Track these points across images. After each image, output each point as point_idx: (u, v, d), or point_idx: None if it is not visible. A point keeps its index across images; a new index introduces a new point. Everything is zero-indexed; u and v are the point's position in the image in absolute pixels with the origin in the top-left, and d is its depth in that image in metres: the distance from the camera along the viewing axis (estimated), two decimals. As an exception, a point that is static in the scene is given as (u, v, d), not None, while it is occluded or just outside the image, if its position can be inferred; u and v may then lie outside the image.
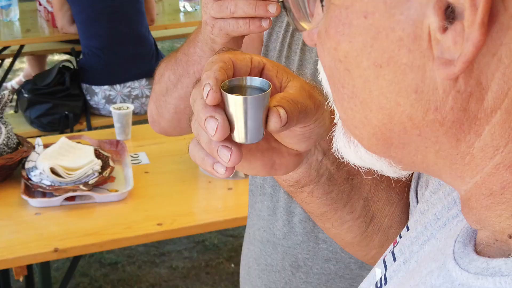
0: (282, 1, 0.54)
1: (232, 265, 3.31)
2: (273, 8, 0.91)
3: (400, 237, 0.69)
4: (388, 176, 0.56)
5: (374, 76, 0.46)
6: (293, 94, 0.64)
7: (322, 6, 0.50)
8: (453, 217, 0.61)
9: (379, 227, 0.84)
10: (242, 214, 2.00)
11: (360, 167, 0.57)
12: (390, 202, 0.83)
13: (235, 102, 0.60)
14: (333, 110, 0.57)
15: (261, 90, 0.63)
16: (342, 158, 0.58)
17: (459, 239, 0.53)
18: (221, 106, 0.61)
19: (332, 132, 0.60)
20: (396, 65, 0.44)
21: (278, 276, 1.25)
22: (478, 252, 0.51)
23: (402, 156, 0.50)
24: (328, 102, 0.60)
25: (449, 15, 0.41)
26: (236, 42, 1.00)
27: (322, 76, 0.57)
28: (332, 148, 0.69)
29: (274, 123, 0.61)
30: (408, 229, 0.69)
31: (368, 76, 0.46)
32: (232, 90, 0.62)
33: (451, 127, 0.45)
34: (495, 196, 0.47)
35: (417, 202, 0.80)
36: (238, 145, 0.62)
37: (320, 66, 0.58)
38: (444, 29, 0.41)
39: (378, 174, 0.56)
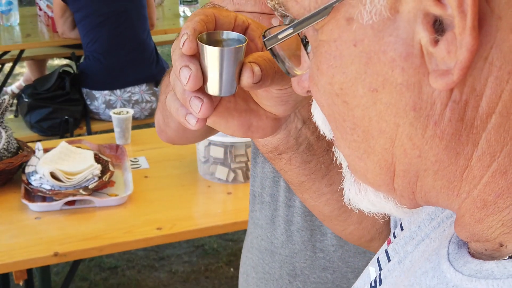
0: (271, 49, 0.54)
1: (232, 269, 3.32)
2: None
3: (394, 236, 0.69)
4: None
5: (371, 102, 0.46)
6: None
7: (308, 53, 0.50)
8: (447, 217, 0.61)
9: None
10: (241, 218, 2.01)
11: (374, 214, 0.57)
12: None
13: (210, 53, 0.61)
14: None
15: (238, 44, 0.63)
16: (356, 208, 0.57)
17: (454, 240, 0.53)
18: (197, 57, 0.61)
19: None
20: (392, 86, 0.44)
21: (276, 284, 1.25)
22: (471, 254, 0.51)
23: (403, 187, 0.50)
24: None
25: (438, 28, 0.42)
26: None
27: (317, 118, 0.58)
28: (312, 117, 0.69)
29: (246, 78, 0.61)
30: (402, 228, 0.69)
31: (365, 103, 0.46)
32: (209, 42, 0.62)
33: (450, 141, 0.45)
34: (488, 207, 0.47)
35: None
36: (210, 98, 0.63)
37: (314, 109, 0.58)
38: (436, 42, 0.42)
39: None
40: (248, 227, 1.35)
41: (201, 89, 0.62)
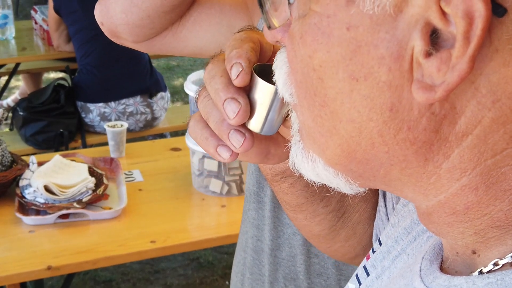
0: None
1: (227, 282, 3.31)
2: None
3: (373, 251, 0.69)
4: None
5: (348, 89, 0.44)
6: None
7: (290, 3, 0.48)
8: (422, 231, 0.61)
9: (348, 221, 0.83)
10: (235, 231, 2.01)
11: (315, 183, 0.55)
12: (364, 198, 0.83)
13: (265, 90, 0.57)
14: None
15: None
16: (297, 172, 0.56)
17: (426, 256, 0.54)
18: (245, 89, 0.58)
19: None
20: (374, 81, 0.43)
21: (271, 287, 1.25)
22: (445, 269, 0.51)
23: (363, 170, 0.49)
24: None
25: (433, 39, 0.41)
26: None
27: (278, 79, 0.54)
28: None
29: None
30: (380, 243, 0.69)
31: (342, 88, 0.45)
32: (260, 75, 0.57)
33: (421, 147, 0.45)
34: (458, 215, 0.47)
35: (385, 204, 0.81)
36: (251, 132, 0.59)
37: (276, 67, 0.55)
38: (429, 54, 0.41)
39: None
40: (242, 225, 1.33)
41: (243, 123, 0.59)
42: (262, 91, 0.57)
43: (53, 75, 5.81)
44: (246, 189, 1.29)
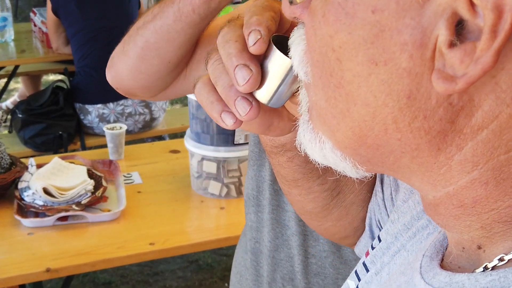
0: None
1: (226, 284, 3.31)
2: None
3: (373, 248, 0.69)
4: None
5: (366, 73, 0.44)
6: None
7: None
8: (422, 227, 0.61)
9: (342, 201, 0.83)
10: (234, 233, 2.01)
11: (320, 165, 0.55)
12: (361, 179, 0.84)
13: (280, 62, 0.56)
14: None
15: None
16: (303, 151, 0.55)
17: (427, 253, 0.54)
18: (259, 58, 0.57)
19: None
20: (394, 67, 0.42)
21: (269, 287, 1.27)
22: (447, 264, 0.51)
23: (372, 156, 0.49)
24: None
25: (458, 30, 0.40)
26: None
27: (294, 55, 0.53)
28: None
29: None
30: (380, 240, 0.69)
31: (360, 71, 0.44)
32: (276, 46, 0.56)
33: (435, 137, 0.44)
34: (466, 208, 0.47)
35: (382, 189, 0.81)
36: (258, 102, 0.58)
37: (293, 42, 0.54)
38: (452, 45, 0.40)
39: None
40: (244, 228, 1.35)
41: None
42: (277, 63, 0.56)
43: (52, 77, 5.81)
44: (245, 194, 1.31)
